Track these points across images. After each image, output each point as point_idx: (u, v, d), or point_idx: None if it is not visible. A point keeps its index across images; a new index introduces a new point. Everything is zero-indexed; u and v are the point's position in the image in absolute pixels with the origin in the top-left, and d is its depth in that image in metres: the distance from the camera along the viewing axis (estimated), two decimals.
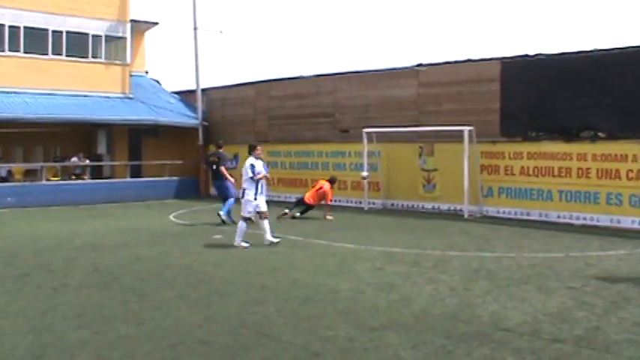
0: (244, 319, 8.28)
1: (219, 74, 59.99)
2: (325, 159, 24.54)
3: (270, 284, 10.42)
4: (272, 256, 13.06)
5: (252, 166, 13.99)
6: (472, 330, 7.77)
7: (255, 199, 14.03)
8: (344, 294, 9.72)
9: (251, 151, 14.40)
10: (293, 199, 22.49)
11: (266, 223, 14.18)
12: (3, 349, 7.18)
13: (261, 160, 14.51)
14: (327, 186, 19.99)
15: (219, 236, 15.94)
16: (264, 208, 14.18)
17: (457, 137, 19.63)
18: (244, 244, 13.98)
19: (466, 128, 19.51)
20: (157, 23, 32.67)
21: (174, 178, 28.45)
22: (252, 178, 13.90)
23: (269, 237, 14.15)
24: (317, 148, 24.69)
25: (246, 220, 14.11)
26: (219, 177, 18.84)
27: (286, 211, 19.60)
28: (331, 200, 20.15)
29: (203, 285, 10.43)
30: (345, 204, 22.96)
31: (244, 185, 14.14)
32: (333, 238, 14.31)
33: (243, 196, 14.22)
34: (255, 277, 11.05)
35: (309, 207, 19.87)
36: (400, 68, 23.18)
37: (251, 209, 14.04)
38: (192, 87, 30.19)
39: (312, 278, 10.91)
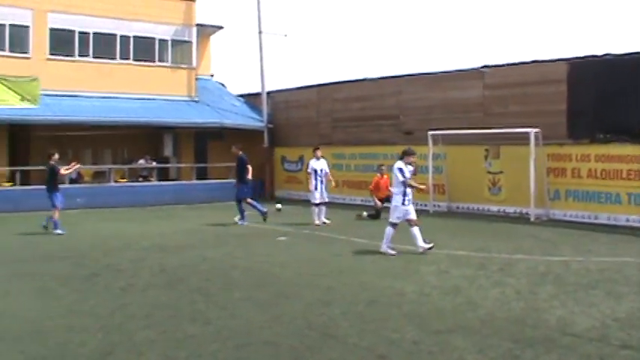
0: (310, 321, 8.32)
1: (283, 77, 60.30)
2: (390, 161, 24.29)
3: (336, 286, 10.46)
4: (338, 259, 13.11)
5: (401, 170, 13.58)
6: (539, 335, 7.67)
7: (404, 204, 13.52)
8: (409, 297, 9.70)
9: (403, 155, 13.96)
10: (358, 202, 22.47)
11: (416, 230, 13.59)
12: (72, 346, 7.38)
13: (411, 165, 14.05)
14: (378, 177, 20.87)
15: (283, 238, 16.06)
16: (413, 215, 13.61)
17: (523, 139, 19.35)
18: (391, 252, 13.52)
19: (532, 130, 19.21)
20: (222, 27, 33.11)
21: None
22: (402, 182, 13.61)
23: (421, 243, 13.55)
24: (382, 150, 24.54)
25: (394, 225, 13.56)
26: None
27: (364, 213, 19.78)
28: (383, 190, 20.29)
29: (269, 286, 10.52)
30: None
31: (392, 190, 13.89)
32: (399, 240, 14.22)
33: (390, 202, 13.84)
34: (321, 279, 11.10)
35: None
36: (465, 70, 23.00)
37: (400, 214, 13.51)
38: (257, 90, 30.49)
39: (377, 281, 10.91)
